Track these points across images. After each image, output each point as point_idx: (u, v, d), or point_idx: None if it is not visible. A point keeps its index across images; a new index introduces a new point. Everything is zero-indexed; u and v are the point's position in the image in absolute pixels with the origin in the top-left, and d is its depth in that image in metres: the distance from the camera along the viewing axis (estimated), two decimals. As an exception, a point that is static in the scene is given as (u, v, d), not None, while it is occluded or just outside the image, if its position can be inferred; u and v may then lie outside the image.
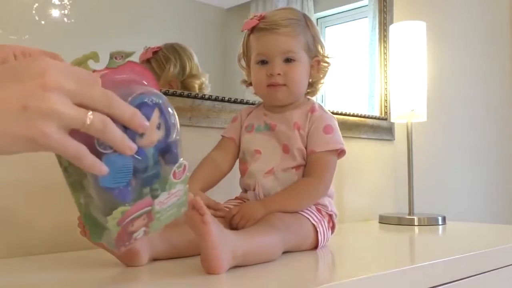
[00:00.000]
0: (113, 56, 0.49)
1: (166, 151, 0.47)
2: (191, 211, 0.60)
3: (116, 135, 0.40)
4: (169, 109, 0.46)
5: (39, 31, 0.85)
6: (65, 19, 0.88)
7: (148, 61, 1.00)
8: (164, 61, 1.02)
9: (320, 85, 0.93)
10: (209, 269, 0.61)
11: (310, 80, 0.91)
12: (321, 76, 0.91)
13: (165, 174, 0.47)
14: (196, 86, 1.05)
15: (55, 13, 0.87)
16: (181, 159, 0.48)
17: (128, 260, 0.66)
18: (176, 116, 0.47)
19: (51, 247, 0.82)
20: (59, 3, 0.87)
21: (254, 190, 0.86)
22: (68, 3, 0.88)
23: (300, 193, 0.83)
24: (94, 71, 0.46)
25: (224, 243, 0.61)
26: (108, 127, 0.39)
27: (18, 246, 0.80)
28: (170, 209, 0.49)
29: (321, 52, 0.90)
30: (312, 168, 0.84)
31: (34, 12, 0.84)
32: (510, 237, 1.15)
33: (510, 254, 0.92)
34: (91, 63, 0.47)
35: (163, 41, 1.03)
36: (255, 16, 0.86)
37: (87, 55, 0.47)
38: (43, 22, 0.85)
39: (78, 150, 0.38)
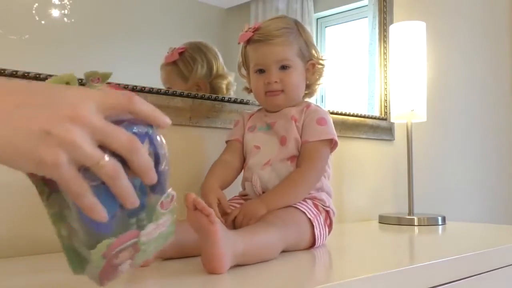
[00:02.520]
0: (88, 78, 0.46)
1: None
2: (195, 212, 0.60)
3: (124, 187, 0.39)
4: (158, 138, 0.45)
5: (39, 31, 0.85)
6: (65, 19, 0.88)
7: (174, 63, 0.99)
8: (191, 62, 1.01)
9: (317, 86, 0.98)
10: (212, 269, 0.61)
11: (308, 82, 0.96)
12: (317, 77, 0.97)
13: (152, 204, 0.45)
14: (224, 86, 1.05)
15: (55, 13, 0.87)
16: (170, 189, 0.46)
17: None
18: (165, 146, 0.45)
19: (56, 246, 0.82)
20: (59, 3, 0.87)
21: (251, 181, 0.89)
22: (68, 3, 0.88)
23: (296, 185, 0.86)
24: None
25: (227, 242, 0.62)
26: (120, 177, 0.39)
27: (20, 246, 0.80)
28: (157, 240, 0.47)
29: (315, 55, 0.96)
30: (305, 157, 0.88)
31: (34, 12, 0.84)
32: (510, 237, 1.15)
33: (510, 254, 0.92)
34: None
35: (162, 41, 1.03)
36: (249, 28, 0.92)
37: (63, 77, 0.44)
38: (43, 22, 0.85)
39: (81, 188, 0.38)
